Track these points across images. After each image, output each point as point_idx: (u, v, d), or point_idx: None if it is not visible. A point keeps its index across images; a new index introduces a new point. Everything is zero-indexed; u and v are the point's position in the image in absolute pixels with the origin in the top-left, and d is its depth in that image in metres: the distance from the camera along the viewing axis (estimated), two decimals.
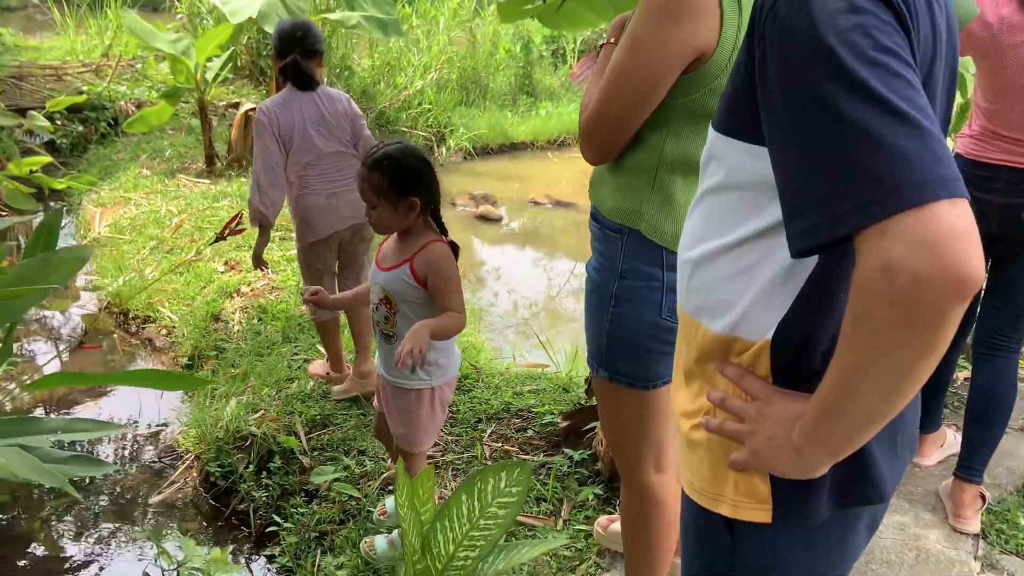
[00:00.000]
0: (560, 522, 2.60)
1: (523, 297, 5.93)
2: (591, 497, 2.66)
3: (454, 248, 2.21)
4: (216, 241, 2.27)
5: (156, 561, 2.61)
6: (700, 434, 1.07)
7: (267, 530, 2.78)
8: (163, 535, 2.95)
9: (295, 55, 2.99)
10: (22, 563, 2.76)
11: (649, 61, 1.43)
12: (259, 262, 3.10)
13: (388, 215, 2.14)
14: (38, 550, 2.82)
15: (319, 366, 3.52)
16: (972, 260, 0.72)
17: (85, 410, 3.70)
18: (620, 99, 1.48)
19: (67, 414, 3.66)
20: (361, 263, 3.32)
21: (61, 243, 2.24)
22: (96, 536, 2.91)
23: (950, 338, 0.77)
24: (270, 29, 5.22)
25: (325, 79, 8.68)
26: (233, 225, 2.24)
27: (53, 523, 2.96)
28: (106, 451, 3.43)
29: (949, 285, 0.72)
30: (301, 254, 3.24)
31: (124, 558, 2.80)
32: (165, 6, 10.26)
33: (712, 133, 1.04)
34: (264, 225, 2.95)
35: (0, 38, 8.10)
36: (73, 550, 2.84)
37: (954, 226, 0.72)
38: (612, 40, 1.64)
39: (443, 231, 2.23)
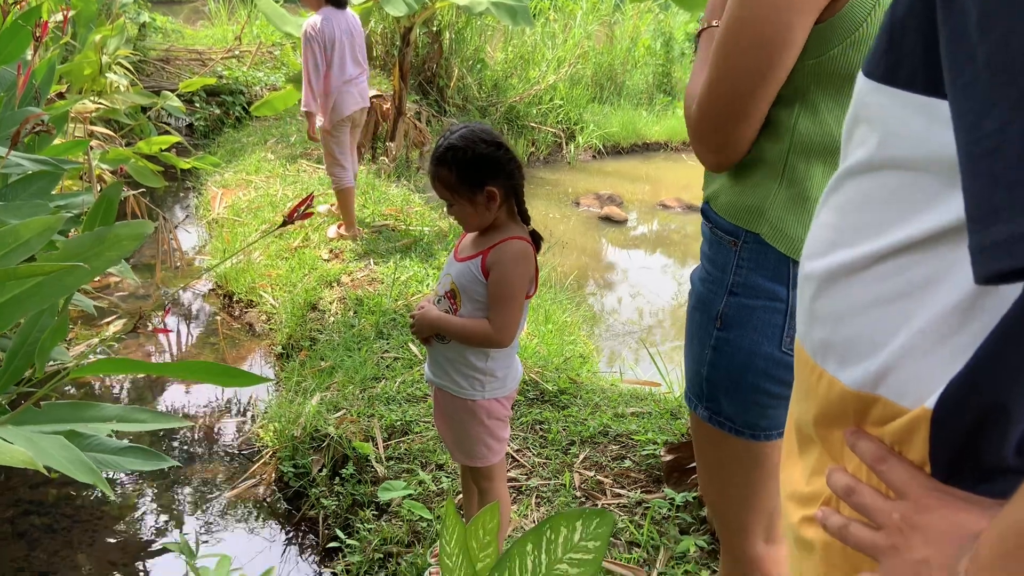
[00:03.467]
0: (655, 574, 2.22)
1: (646, 304, 5.53)
2: (693, 549, 2.27)
3: (536, 240, 1.90)
4: (284, 224, 2.04)
5: None
6: (815, 533, 0.73)
7: (332, 544, 2.55)
8: (231, 532, 2.78)
9: None
10: (83, 548, 2.65)
11: (771, 6, 1.05)
12: (313, 136, 4.55)
13: (468, 212, 1.84)
14: (99, 539, 2.72)
15: (333, 231, 4.71)
16: None
17: (185, 396, 3.63)
18: (738, 69, 1.10)
19: (155, 400, 3.60)
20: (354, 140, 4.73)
21: (184, 222, 2.07)
22: (160, 529, 2.78)
23: None
24: (393, 12, 5.07)
25: (456, 70, 8.57)
26: (302, 208, 2.01)
27: (119, 512, 2.85)
28: (191, 441, 3.32)
29: None
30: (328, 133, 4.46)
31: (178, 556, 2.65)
32: None
33: (862, 83, 0.68)
34: (311, 113, 4.42)
35: (153, 22, 8.44)
36: (133, 541, 2.72)
37: None
38: (713, 23, 1.25)
39: (525, 219, 1.91)
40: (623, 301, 5.65)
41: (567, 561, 1.59)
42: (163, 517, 2.85)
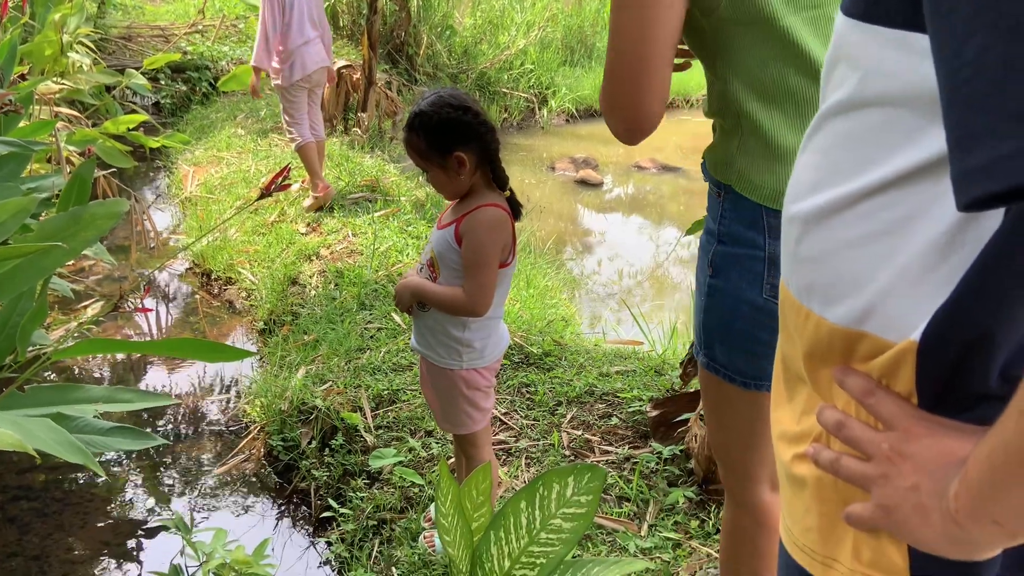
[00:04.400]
0: (645, 527, 2.26)
1: (625, 265, 5.56)
2: (681, 500, 2.31)
3: (514, 206, 1.90)
4: (261, 197, 2.03)
5: (183, 552, 2.43)
6: (806, 469, 0.74)
7: (325, 514, 2.57)
8: (223, 508, 2.79)
9: None
10: (75, 530, 2.65)
11: None
12: (256, 92, 4.80)
13: (441, 177, 1.85)
14: (90, 520, 2.72)
15: (308, 202, 4.70)
16: None
17: (168, 376, 3.61)
18: (625, 38, 1.14)
19: (138, 380, 3.58)
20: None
21: (156, 202, 2.04)
22: (151, 508, 2.79)
23: None
24: None
25: (425, 37, 8.47)
26: (279, 180, 1.99)
27: (109, 493, 2.85)
28: (177, 418, 3.31)
29: None
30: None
31: (175, 532, 2.66)
32: None
33: (840, 22, 0.69)
34: (259, 68, 4.58)
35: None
36: (124, 521, 2.72)
37: None
38: None
39: (502, 183, 1.90)
40: (602, 263, 5.67)
41: (560, 516, 1.62)
42: (153, 497, 2.85)
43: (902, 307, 0.64)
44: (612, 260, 5.69)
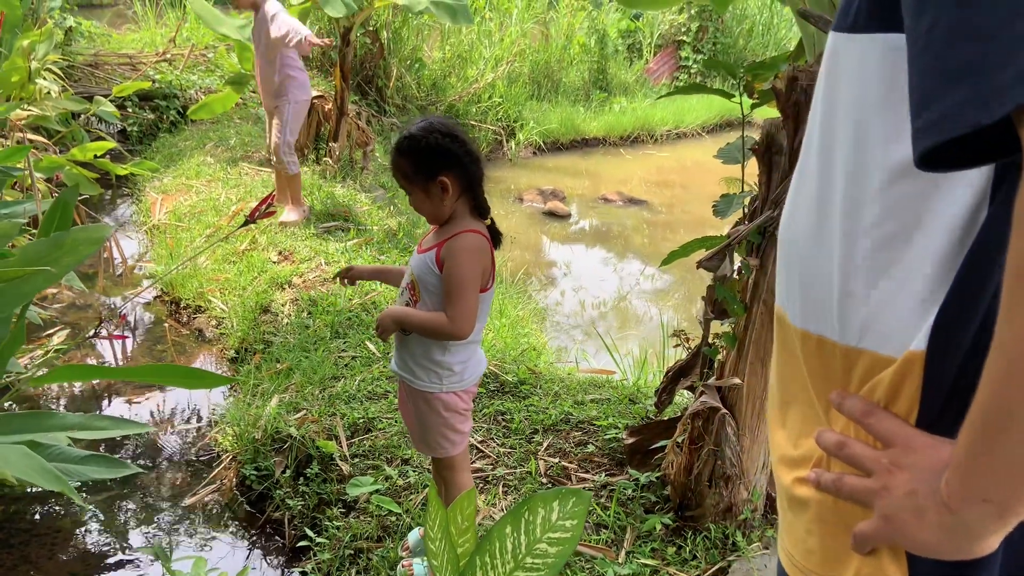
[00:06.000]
0: (622, 553, 2.28)
1: (592, 297, 5.61)
2: (658, 527, 2.34)
3: (494, 234, 1.95)
4: (245, 224, 2.04)
5: None
6: (807, 491, 0.77)
7: (301, 543, 2.55)
8: (194, 539, 2.75)
9: None
10: (42, 562, 2.59)
11: None
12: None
13: (424, 201, 1.90)
14: (57, 552, 2.65)
15: (296, 216, 4.89)
16: None
17: (132, 405, 3.56)
18: None
19: (101, 409, 3.53)
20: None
21: (121, 229, 2.04)
22: (120, 539, 2.73)
23: None
24: (332, 13, 5.04)
25: (395, 70, 8.53)
26: (264, 208, 2.01)
27: (76, 524, 2.79)
28: (146, 448, 3.26)
29: None
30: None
31: (145, 564, 2.61)
32: None
33: (831, 39, 0.73)
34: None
35: (79, 26, 8.19)
36: (93, 552, 2.66)
37: None
38: None
39: (483, 212, 1.95)
40: (568, 294, 5.72)
41: (546, 540, 1.63)
42: (122, 527, 2.80)
43: (897, 320, 0.67)
44: (578, 291, 5.74)
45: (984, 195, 0.62)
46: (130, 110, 7.21)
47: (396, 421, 2.92)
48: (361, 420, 2.93)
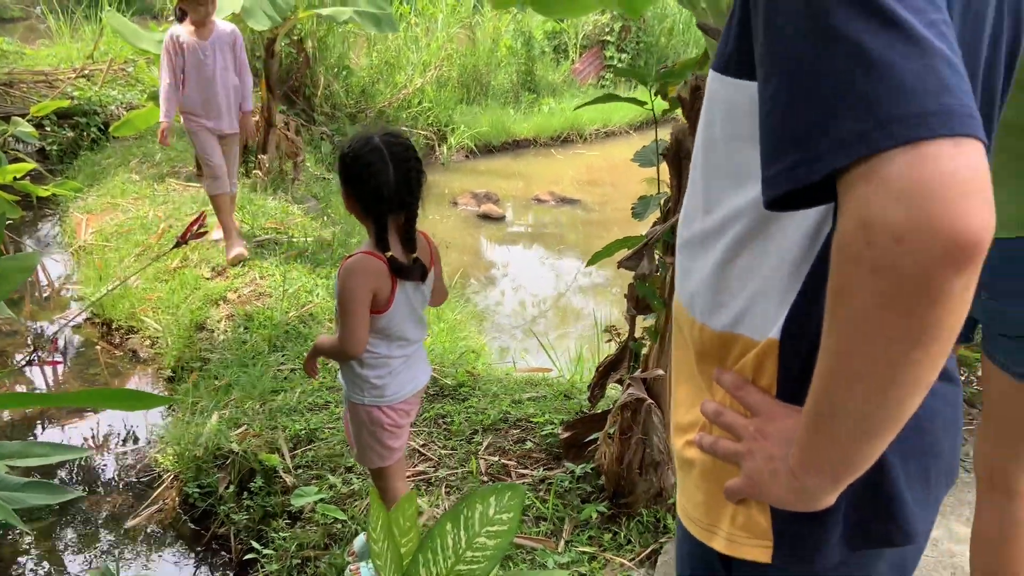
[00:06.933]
0: (562, 543, 2.38)
1: (529, 296, 5.72)
2: (594, 515, 2.45)
3: (395, 265, 1.91)
4: (177, 245, 2.07)
5: None
6: (693, 452, 0.90)
7: (248, 556, 2.57)
8: (137, 560, 2.75)
9: None
10: None
11: None
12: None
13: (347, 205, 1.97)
14: None
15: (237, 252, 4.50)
16: (973, 216, 0.56)
17: (65, 430, 3.52)
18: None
19: (34, 436, 3.48)
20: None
21: (45, 251, 2.04)
22: (63, 565, 2.72)
23: (957, 320, 0.59)
24: (256, 26, 5.03)
25: (322, 78, 8.50)
26: (195, 228, 2.04)
27: (17, 553, 2.76)
28: (83, 473, 3.23)
29: (939, 246, 0.56)
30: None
31: None
32: (161, 10, 10.09)
33: (710, 76, 0.85)
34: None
35: None
36: None
37: (954, 172, 0.56)
38: None
39: (381, 240, 1.91)
40: (507, 295, 5.82)
41: (484, 534, 1.72)
42: (65, 553, 2.78)
43: (764, 311, 0.81)
44: (516, 291, 5.84)
45: (829, 211, 0.75)
46: (48, 128, 7.03)
47: (338, 431, 2.97)
48: (303, 432, 2.97)
